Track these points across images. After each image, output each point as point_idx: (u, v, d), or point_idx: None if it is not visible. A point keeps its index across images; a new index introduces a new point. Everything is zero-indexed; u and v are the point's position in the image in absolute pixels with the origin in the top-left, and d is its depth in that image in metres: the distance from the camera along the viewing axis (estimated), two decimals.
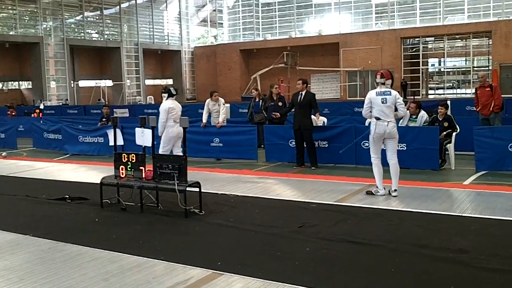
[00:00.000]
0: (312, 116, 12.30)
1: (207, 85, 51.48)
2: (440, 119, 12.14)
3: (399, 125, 12.80)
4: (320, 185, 9.95)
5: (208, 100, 14.48)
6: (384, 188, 8.91)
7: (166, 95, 10.68)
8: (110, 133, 8.92)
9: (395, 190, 8.79)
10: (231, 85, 54.04)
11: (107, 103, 43.95)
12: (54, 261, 5.98)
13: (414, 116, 12.31)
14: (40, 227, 7.44)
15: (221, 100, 14.42)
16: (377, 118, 8.82)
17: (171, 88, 10.83)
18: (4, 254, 6.26)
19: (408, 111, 12.06)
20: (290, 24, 54.22)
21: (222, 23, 60.65)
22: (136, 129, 8.52)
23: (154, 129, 8.58)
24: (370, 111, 8.92)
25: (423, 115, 12.23)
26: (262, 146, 13.86)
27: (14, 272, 5.63)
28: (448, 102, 24.08)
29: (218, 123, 14.03)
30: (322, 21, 52.55)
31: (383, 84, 8.90)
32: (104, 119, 17.56)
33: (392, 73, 9.30)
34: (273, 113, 13.35)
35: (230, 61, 55.45)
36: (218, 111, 14.30)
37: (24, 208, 8.74)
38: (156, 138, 9.20)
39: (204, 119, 14.25)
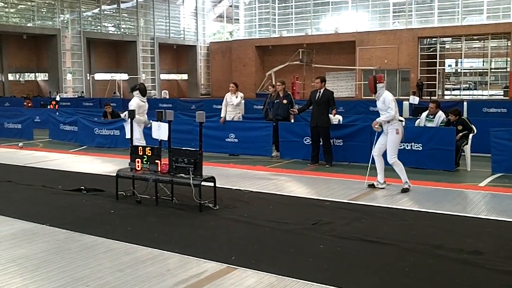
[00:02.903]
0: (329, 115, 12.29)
1: (222, 81, 51.61)
2: (454, 123, 12.04)
3: (415, 125, 12.83)
4: (334, 183, 9.95)
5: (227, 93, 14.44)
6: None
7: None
8: (127, 126, 8.97)
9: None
10: (245, 82, 53.91)
11: (121, 97, 44.11)
12: (70, 251, 6.05)
13: (431, 116, 12.24)
14: (56, 217, 7.51)
15: (240, 94, 14.34)
16: (400, 120, 9.07)
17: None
18: (21, 243, 6.34)
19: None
20: (306, 21, 54.06)
21: (238, 19, 60.61)
22: (153, 123, 8.57)
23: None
24: None
25: (440, 115, 12.17)
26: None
27: (31, 261, 5.70)
28: (465, 103, 24.09)
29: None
30: (338, 18, 52.33)
31: None
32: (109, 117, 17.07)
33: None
34: (291, 109, 13.27)
35: (245, 57, 55.43)
36: (233, 104, 14.22)
37: (41, 198, 8.82)
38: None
39: (222, 113, 14.27)
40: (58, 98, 31.75)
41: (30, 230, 6.91)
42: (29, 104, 30.13)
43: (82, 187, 9.20)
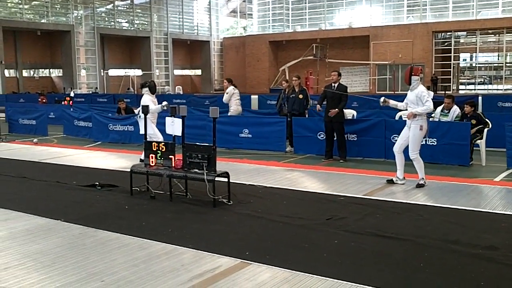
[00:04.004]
0: (346, 110, 12.24)
1: (235, 76, 51.16)
2: (468, 116, 11.96)
3: (430, 119, 12.73)
4: (348, 178, 9.91)
5: None
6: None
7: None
8: (141, 122, 8.98)
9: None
10: (259, 77, 54.03)
11: (135, 92, 44.26)
12: (84, 246, 6.08)
13: (446, 111, 12.14)
14: (71, 212, 7.54)
15: (228, 89, 14.88)
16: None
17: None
18: (36, 238, 6.38)
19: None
20: (320, 16, 53.91)
21: (251, 14, 60.59)
22: (167, 118, 8.58)
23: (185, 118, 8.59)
24: None
25: (455, 109, 12.05)
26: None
27: (46, 256, 5.73)
28: (480, 97, 23.92)
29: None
30: (352, 13, 52.14)
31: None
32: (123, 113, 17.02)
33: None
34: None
35: (259, 52, 55.38)
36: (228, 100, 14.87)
37: (55, 194, 8.86)
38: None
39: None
40: (72, 94, 31.94)
41: (45, 225, 6.95)
42: (44, 100, 30.25)
43: (97, 183, 9.23)
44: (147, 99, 11.36)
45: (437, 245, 5.90)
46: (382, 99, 9.60)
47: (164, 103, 11.41)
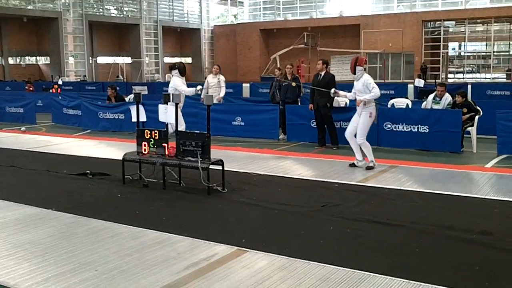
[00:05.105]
0: (340, 98, 12.20)
1: (226, 64, 51.19)
2: (460, 106, 12.01)
3: (422, 107, 12.77)
4: (342, 165, 9.89)
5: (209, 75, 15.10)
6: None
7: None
8: (133, 109, 8.88)
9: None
10: (250, 65, 53.83)
11: (125, 80, 44.01)
12: (76, 235, 6.00)
13: (438, 98, 12.17)
14: (62, 201, 7.43)
15: (222, 77, 14.82)
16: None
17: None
18: (27, 228, 6.28)
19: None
20: (311, 5, 53.70)
21: (242, 2, 60.25)
22: (160, 106, 8.49)
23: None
24: None
25: (447, 97, 12.10)
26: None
27: (38, 246, 5.65)
28: (469, 86, 24.06)
29: (218, 96, 14.31)
30: (343, 2, 52.01)
31: None
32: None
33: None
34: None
35: (250, 40, 55.15)
36: (215, 85, 14.63)
37: (45, 183, 8.75)
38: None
39: (202, 94, 14.15)
40: (60, 82, 31.60)
41: (36, 215, 6.85)
42: (31, 88, 29.91)
43: (88, 171, 9.12)
44: (178, 81, 11.15)
45: (432, 230, 5.92)
46: (332, 90, 10.12)
47: (199, 87, 11.27)
